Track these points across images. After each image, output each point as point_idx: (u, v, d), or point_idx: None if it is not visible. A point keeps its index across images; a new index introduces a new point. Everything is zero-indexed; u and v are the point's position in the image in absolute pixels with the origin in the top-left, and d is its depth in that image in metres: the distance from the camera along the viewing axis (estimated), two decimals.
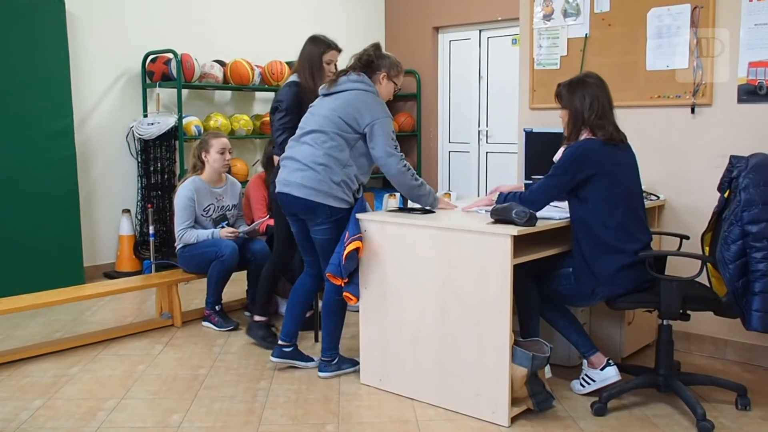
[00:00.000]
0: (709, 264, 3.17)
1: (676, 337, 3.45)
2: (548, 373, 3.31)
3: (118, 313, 4.83)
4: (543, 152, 4.28)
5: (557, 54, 4.41)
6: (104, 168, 5.99)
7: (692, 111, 3.90)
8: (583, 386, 3.34)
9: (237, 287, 5.07)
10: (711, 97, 3.83)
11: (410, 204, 3.63)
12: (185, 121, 6.03)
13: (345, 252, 3.28)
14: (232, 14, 6.85)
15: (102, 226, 5.99)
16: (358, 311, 3.50)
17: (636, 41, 4.07)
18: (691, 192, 3.92)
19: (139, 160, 6.08)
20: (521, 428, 3.01)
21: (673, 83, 3.95)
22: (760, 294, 2.85)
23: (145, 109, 6.16)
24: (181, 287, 4.87)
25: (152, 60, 6.08)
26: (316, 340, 4.12)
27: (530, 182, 4.27)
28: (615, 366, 3.28)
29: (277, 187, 3.49)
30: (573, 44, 4.34)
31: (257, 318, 4.12)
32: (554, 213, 3.30)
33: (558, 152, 3.34)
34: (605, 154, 3.11)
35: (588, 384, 3.32)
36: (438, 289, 3.15)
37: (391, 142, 3.36)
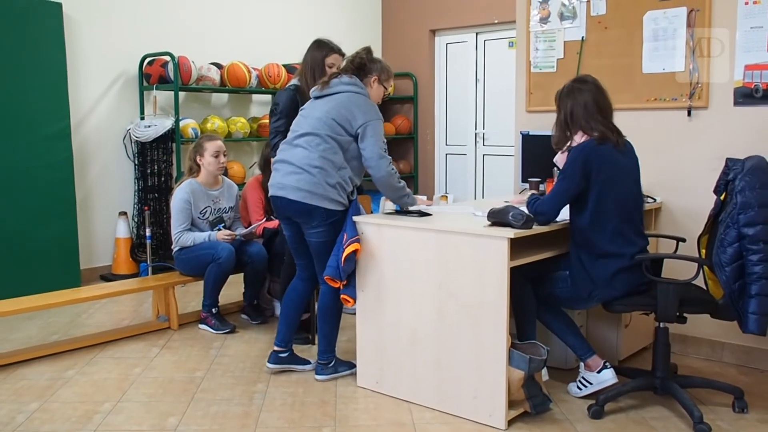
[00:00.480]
0: (706, 267, 3.17)
1: (673, 340, 3.45)
2: (545, 376, 3.31)
3: (115, 316, 4.82)
4: (539, 155, 4.29)
5: (554, 57, 4.42)
6: (101, 170, 5.99)
7: (689, 114, 3.91)
8: (580, 389, 3.34)
9: (234, 290, 5.06)
10: (707, 100, 3.84)
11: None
12: (182, 124, 6.02)
13: (344, 254, 3.28)
14: (229, 17, 6.85)
15: (99, 229, 5.98)
16: (355, 314, 3.49)
17: (632, 44, 4.07)
18: (688, 195, 3.93)
19: (136, 163, 6.08)
20: (518, 431, 3.01)
21: (670, 86, 3.95)
22: (757, 296, 2.85)
23: (142, 112, 6.16)
24: (178, 290, 4.86)
25: (149, 62, 6.08)
26: (313, 343, 4.12)
27: (526, 185, 4.30)
28: (612, 369, 3.28)
29: (271, 191, 3.48)
30: (569, 47, 4.35)
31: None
32: None
33: (557, 155, 3.34)
34: (604, 155, 3.11)
35: (585, 387, 3.32)
36: (435, 292, 3.15)
37: (382, 145, 3.37)
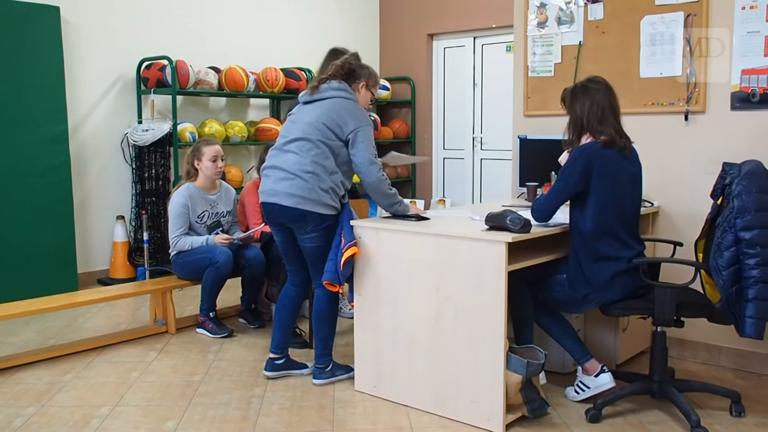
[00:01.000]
0: (703, 271, 3.18)
1: (671, 344, 3.45)
2: (543, 380, 3.31)
3: (112, 320, 4.81)
4: (537, 159, 4.30)
5: (551, 61, 4.43)
6: (98, 174, 5.98)
7: (686, 118, 3.92)
8: (578, 393, 3.34)
9: (231, 294, 5.06)
10: (704, 104, 3.85)
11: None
12: (180, 128, 6.02)
13: (343, 258, 3.28)
14: (227, 21, 6.86)
15: (96, 233, 5.98)
16: (353, 318, 3.49)
17: (630, 49, 4.08)
18: (685, 199, 3.93)
19: (134, 167, 6.07)
20: None
21: (667, 90, 3.97)
22: (754, 301, 2.85)
23: (140, 116, 6.15)
24: (176, 294, 4.86)
25: (147, 66, 6.08)
26: (310, 347, 4.11)
27: (524, 189, 4.30)
28: (609, 373, 3.29)
29: (262, 197, 3.46)
30: (567, 51, 4.36)
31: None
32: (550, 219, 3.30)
33: (563, 155, 3.35)
34: (607, 158, 3.11)
35: (582, 391, 3.32)
36: (433, 296, 3.15)
37: (373, 150, 3.38)
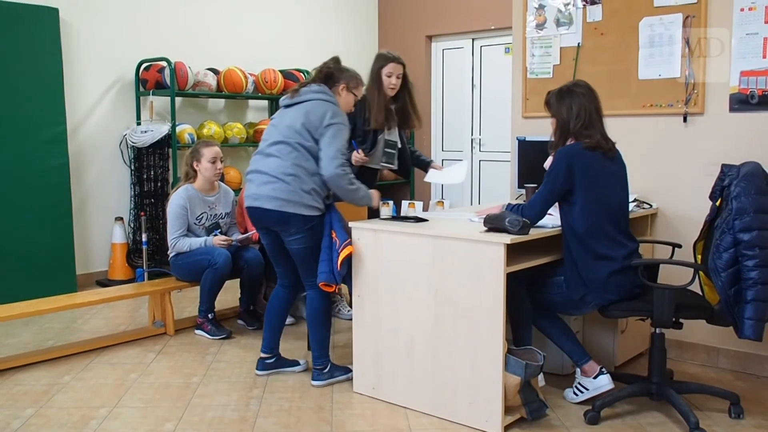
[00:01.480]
0: (702, 272, 3.18)
1: (669, 346, 3.45)
2: (541, 382, 3.31)
3: (111, 321, 4.81)
4: (536, 160, 4.28)
5: (550, 63, 4.43)
6: (97, 176, 5.98)
7: (684, 120, 3.92)
8: (577, 395, 3.34)
9: (230, 295, 5.06)
10: (703, 106, 3.86)
11: (404, 212, 3.63)
12: (178, 129, 6.02)
13: (340, 259, 3.29)
14: (226, 22, 6.86)
15: (95, 234, 5.97)
16: (351, 319, 3.49)
17: (628, 50, 4.09)
18: (684, 200, 3.94)
19: (132, 168, 6.07)
20: None
21: (666, 92, 3.97)
22: (753, 302, 2.86)
23: (139, 117, 6.15)
24: (174, 295, 4.85)
25: (146, 68, 6.08)
26: (309, 348, 4.11)
27: (522, 191, 4.30)
28: (608, 374, 3.28)
29: (246, 202, 3.48)
30: (566, 53, 4.36)
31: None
32: (547, 221, 3.29)
33: (548, 160, 3.36)
34: (590, 158, 3.12)
35: (581, 392, 3.32)
36: (431, 298, 3.15)
37: (340, 148, 3.37)
